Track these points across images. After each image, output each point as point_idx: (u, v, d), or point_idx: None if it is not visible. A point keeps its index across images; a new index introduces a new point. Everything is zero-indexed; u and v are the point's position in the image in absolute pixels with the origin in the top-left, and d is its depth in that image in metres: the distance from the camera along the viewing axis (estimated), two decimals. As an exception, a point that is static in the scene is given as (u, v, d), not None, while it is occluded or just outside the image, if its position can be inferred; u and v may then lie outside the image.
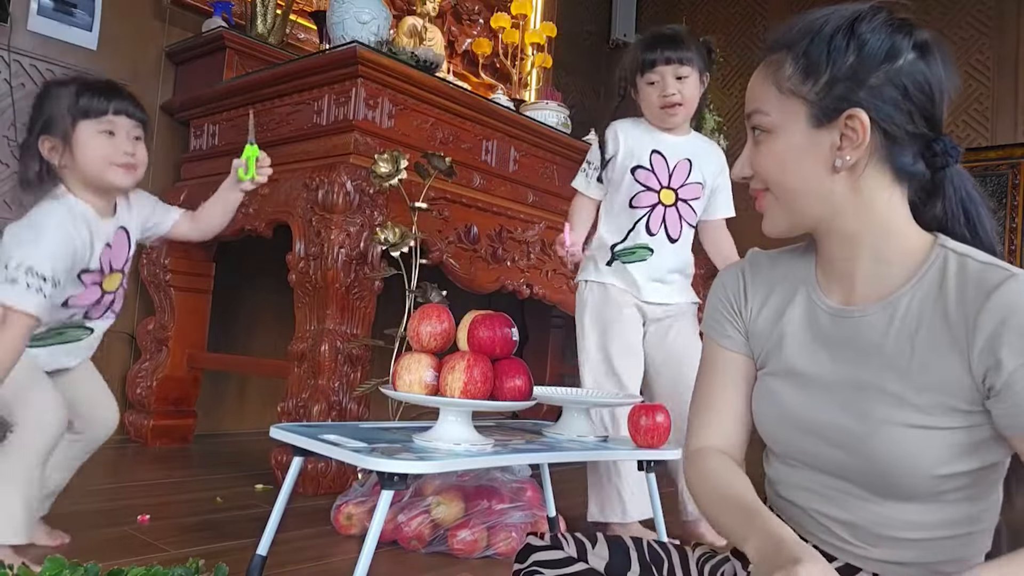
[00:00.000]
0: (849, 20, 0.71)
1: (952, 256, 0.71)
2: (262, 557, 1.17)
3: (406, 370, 1.15)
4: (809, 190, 0.74)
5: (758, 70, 0.78)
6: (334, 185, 1.93)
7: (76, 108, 1.24)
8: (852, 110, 0.70)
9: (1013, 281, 0.66)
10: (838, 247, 0.76)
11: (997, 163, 3.40)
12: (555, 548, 0.87)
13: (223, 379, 2.79)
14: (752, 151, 0.78)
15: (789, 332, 0.81)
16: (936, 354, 0.69)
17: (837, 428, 0.74)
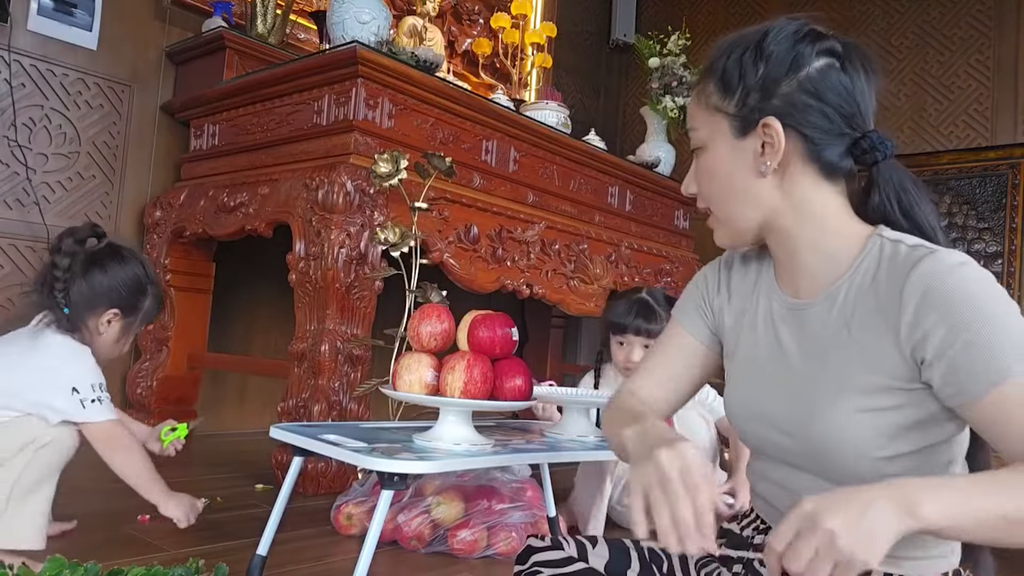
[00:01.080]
0: (757, 38, 0.79)
1: (886, 244, 0.74)
2: (262, 557, 1.17)
3: (406, 370, 1.15)
4: (741, 196, 0.79)
5: (692, 92, 0.85)
6: (334, 185, 1.93)
7: (148, 313, 1.41)
8: (766, 119, 0.76)
9: (931, 256, 0.68)
10: (781, 246, 0.81)
11: (997, 163, 3.40)
12: (556, 549, 0.87)
13: (223, 379, 2.79)
14: (694, 171, 0.84)
15: (751, 327, 0.85)
16: (870, 335, 0.72)
17: (785, 416, 0.78)
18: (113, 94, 2.52)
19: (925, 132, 3.62)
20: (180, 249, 2.48)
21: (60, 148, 2.41)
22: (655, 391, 0.91)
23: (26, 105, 2.32)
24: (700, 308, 0.92)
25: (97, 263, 1.34)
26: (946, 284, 0.66)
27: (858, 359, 0.73)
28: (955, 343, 0.65)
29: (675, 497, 0.62)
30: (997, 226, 3.36)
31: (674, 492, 0.62)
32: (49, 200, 2.38)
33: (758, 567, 0.81)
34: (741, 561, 0.83)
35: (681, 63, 3.20)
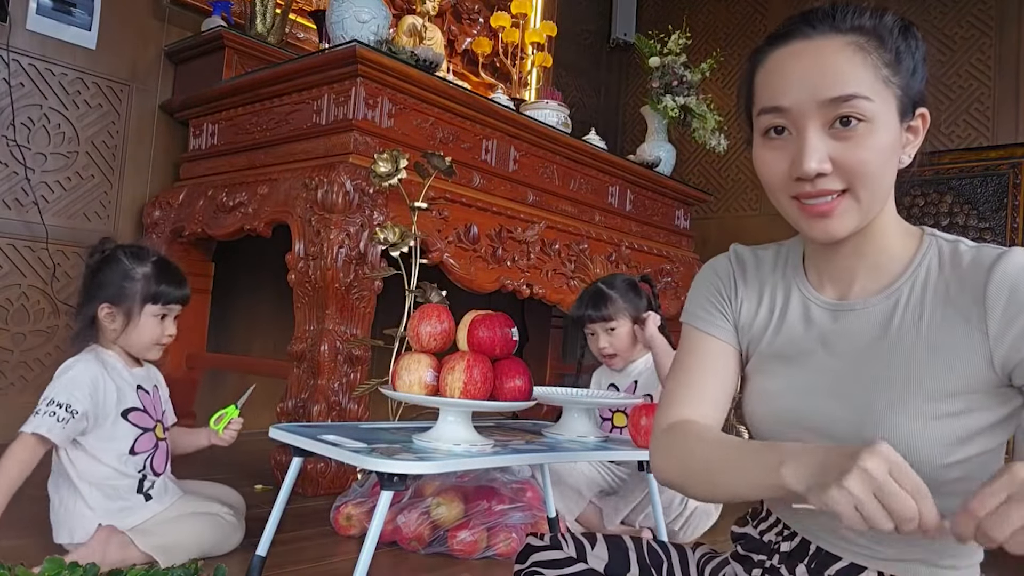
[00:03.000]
0: (902, 20, 0.73)
1: (944, 244, 0.73)
2: (261, 558, 1.16)
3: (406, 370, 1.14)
4: (888, 183, 0.72)
5: (837, 51, 0.70)
6: (334, 185, 1.93)
7: (149, 293, 1.38)
8: (923, 108, 0.72)
9: (1007, 256, 0.67)
10: (857, 243, 0.75)
11: (998, 163, 3.40)
12: (555, 548, 0.87)
13: (222, 379, 2.78)
14: (833, 144, 0.69)
15: (780, 326, 0.81)
16: (945, 338, 0.69)
17: (837, 421, 0.73)
18: (112, 93, 2.52)
19: (926, 132, 3.62)
20: (179, 249, 2.48)
21: (59, 148, 2.40)
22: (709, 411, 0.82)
23: (25, 104, 2.32)
24: (720, 307, 0.85)
25: (90, 271, 1.40)
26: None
27: (930, 363, 0.69)
28: None
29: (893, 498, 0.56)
30: (998, 226, 3.36)
31: (891, 493, 0.56)
32: (48, 200, 2.38)
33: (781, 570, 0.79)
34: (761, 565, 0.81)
35: (681, 62, 3.19)
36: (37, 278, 2.35)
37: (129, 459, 1.35)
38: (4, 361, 2.29)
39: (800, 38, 0.71)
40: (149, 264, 1.40)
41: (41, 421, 1.26)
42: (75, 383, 1.30)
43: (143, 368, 1.46)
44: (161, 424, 1.44)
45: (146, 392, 1.42)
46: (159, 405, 1.45)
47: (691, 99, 3.16)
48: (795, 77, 0.71)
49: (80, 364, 1.33)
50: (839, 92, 0.68)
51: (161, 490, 1.38)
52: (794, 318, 0.80)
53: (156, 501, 1.37)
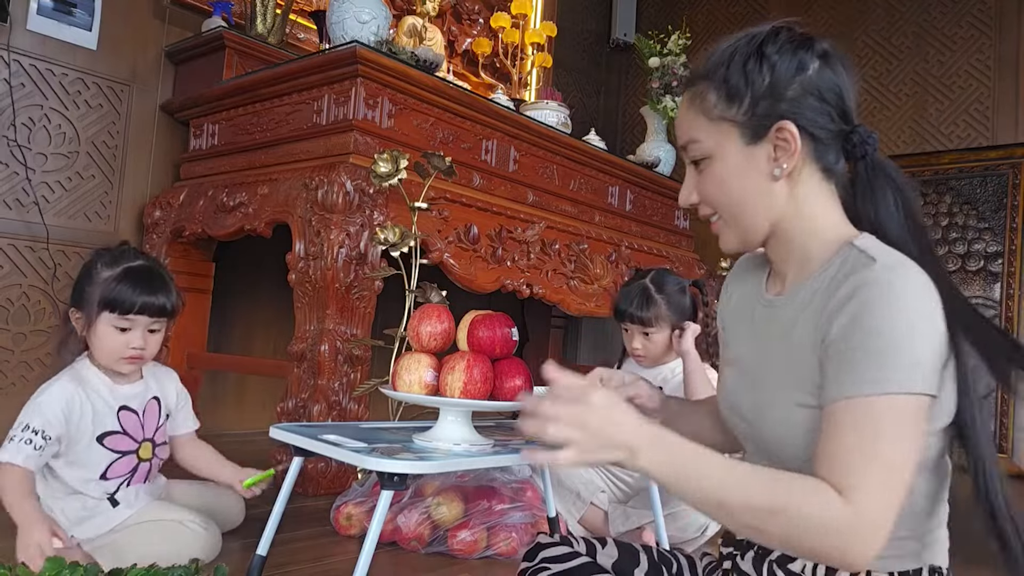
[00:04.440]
0: (756, 45, 0.79)
1: (854, 252, 0.74)
2: (262, 557, 1.16)
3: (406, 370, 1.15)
4: (754, 203, 0.79)
5: (682, 106, 0.84)
6: (334, 185, 1.93)
7: (104, 299, 1.28)
8: (780, 122, 0.76)
9: (867, 269, 0.70)
10: (778, 249, 0.82)
11: (997, 163, 3.40)
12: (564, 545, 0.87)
13: (223, 379, 2.78)
14: (695, 179, 0.83)
15: (738, 320, 0.89)
16: (804, 332, 0.74)
17: (746, 408, 0.82)
18: (112, 94, 2.52)
19: (925, 132, 3.62)
20: (179, 249, 2.48)
21: (59, 148, 2.41)
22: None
23: (26, 105, 2.32)
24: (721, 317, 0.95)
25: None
26: (862, 298, 0.68)
27: (799, 357, 0.75)
28: (848, 341, 0.67)
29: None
30: (998, 226, 3.36)
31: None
32: (48, 200, 2.38)
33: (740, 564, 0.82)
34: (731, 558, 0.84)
35: (681, 63, 3.19)
36: (38, 278, 2.35)
37: (97, 483, 1.31)
38: (4, 361, 2.29)
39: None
40: (119, 268, 1.30)
41: (17, 449, 1.22)
42: (49, 407, 1.25)
43: (139, 383, 1.38)
44: (150, 443, 1.38)
45: (131, 412, 1.35)
46: (153, 422, 1.39)
47: (691, 99, 3.16)
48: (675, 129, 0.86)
49: (55, 386, 1.28)
50: (681, 141, 0.83)
51: (132, 496, 1.33)
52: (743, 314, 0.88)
53: (125, 506, 1.32)
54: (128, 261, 1.32)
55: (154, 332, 1.34)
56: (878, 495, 0.63)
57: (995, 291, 3.31)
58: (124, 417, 1.34)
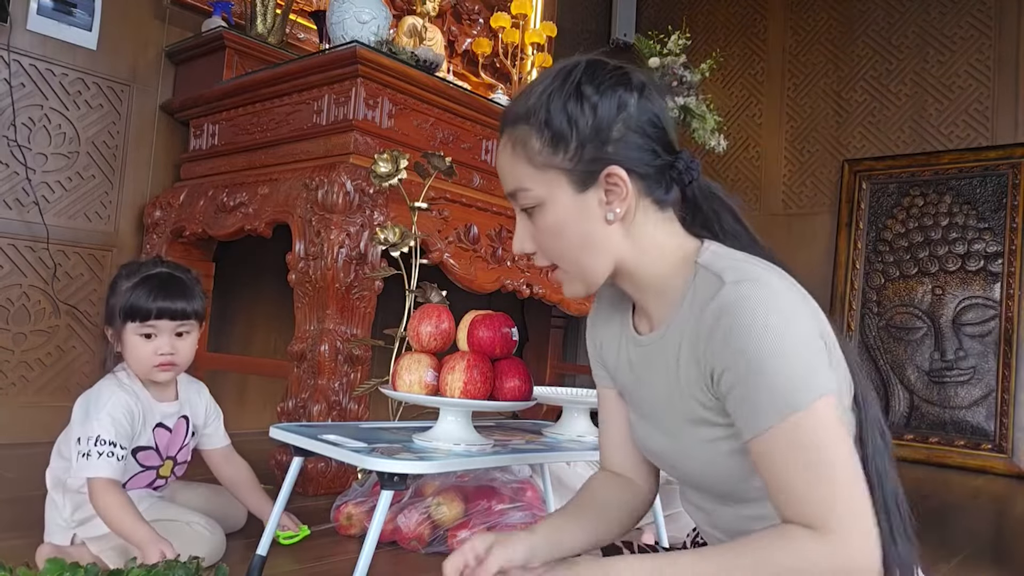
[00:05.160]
0: (574, 85, 0.74)
1: (701, 272, 0.74)
2: (262, 557, 1.17)
3: (406, 370, 1.15)
4: (593, 248, 0.77)
5: (503, 149, 0.79)
6: (334, 185, 1.93)
7: (123, 309, 1.29)
8: (608, 168, 0.74)
9: (719, 295, 0.69)
10: (629, 286, 0.81)
11: (997, 163, 3.40)
12: None
13: (223, 379, 2.78)
14: (527, 228, 0.80)
15: (618, 366, 0.87)
16: (689, 371, 0.73)
17: (661, 453, 0.81)
18: (113, 94, 2.52)
19: (925, 132, 3.62)
20: (179, 249, 2.48)
21: (59, 148, 2.41)
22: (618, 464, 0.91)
23: (26, 105, 2.32)
24: (595, 357, 0.93)
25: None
26: (722, 325, 0.67)
27: (686, 394, 0.74)
28: (741, 378, 0.66)
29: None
30: (997, 226, 3.36)
31: None
32: (48, 200, 2.38)
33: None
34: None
35: (681, 63, 3.20)
36: (38, 278, 2.35)
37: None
38: (4, 361, 2.29)
39: (500, 137, 0.81)
40: (137, 278, 1.30)
41: (101, 464, 1.20)
42: (116, 419, 1.24)
43: (175, 402, 1.38)
44: (172, 461, 1.38)
45: (166, 430, 1.36)
46: (179, 442, 1.38)
47: (691, 99, 3.17)
48: (498, 174, 0.82)
49: (114, 396, 1.27)
50: (508, 189, 0.80)
51: (137, 498, 1.33)
52: (621, 351, 0.86)
53: None
54: (147, 270, 1.32)
55: (182, 336, 1.34)
56: (848, 513, 0.62)
57: (995, 291, 3.31)
58: (159, 434, 1.35)
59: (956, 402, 3.30)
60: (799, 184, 3.97)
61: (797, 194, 3.97)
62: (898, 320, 3.50)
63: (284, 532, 1.45)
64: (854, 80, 3.82)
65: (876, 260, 3.62)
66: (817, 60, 3.92)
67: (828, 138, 3.88)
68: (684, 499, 0.87)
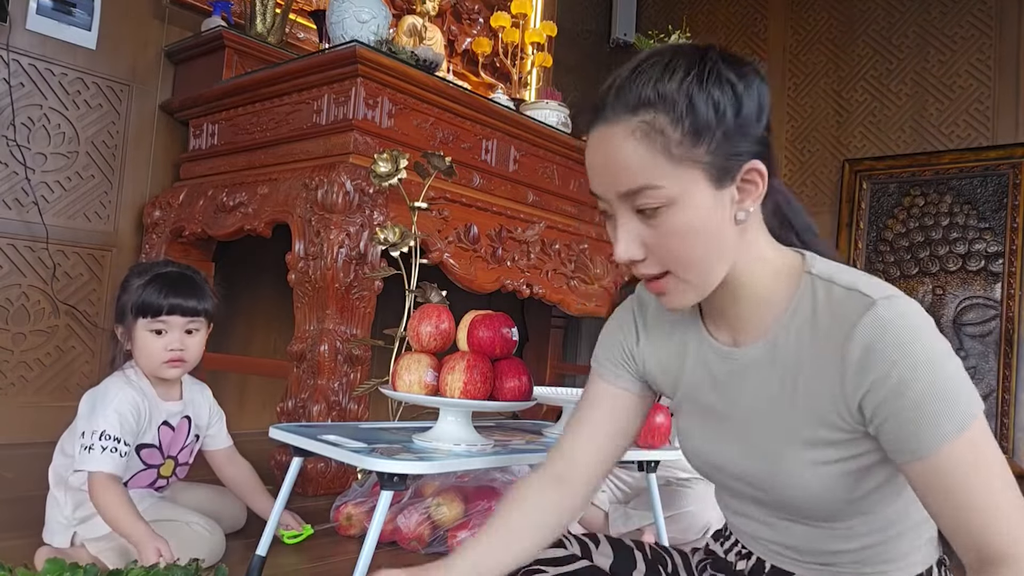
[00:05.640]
0: (715, 70, 0.67)
1: (819, 283, 0.70)
2: (261, 558, 1.16)
3: (406, 370, 1.15)
4: (718, 251, 0.69)
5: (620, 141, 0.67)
6: (334, 185, 1.93)
7: (135, 306, 1.30)
8: (751, 162, 0.68)
9: (872, 310, 0.64)
10: (725, 294, 0.74)
11: (998, 163, 3.40)
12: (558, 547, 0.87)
13: (222, 379, 2.78)
14: (637, 231, 0.69)
15: (685, 373, 0.81)
16: (817, 386, 0.68)
17: (744, 469, 0.75)
18: (112, 93, 2.52)
19: (926, 132, 3.62)
20: (179, 249, 2.48)
21: (59, 148, 2.40)
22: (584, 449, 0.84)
23: (25, 105, 2.32)
24: (621, 358, 0.86)
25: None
26: (888, 342, 0.63)
27: (806, 411, 0.69)
28: (897, 402, 0.63)
29: None
30: (998, 226, 3.35)
31: None
32: (48, 200, 2.38)
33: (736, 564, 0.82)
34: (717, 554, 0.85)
35: (681, 62, 3.19)
36: (37, 278, 2.35)
37: None
38: (4, 361, 2.29)
39: (599, 123, 0.69)
40: (148, 276, 1.32)
41: (108, 459, 1.20)
42: (123, 414, 1.25)
43: (179, 402, 1.39)
44: (173, 460, 1.38)
45: (170, 428, 1.36)
46: (180, 442, 1.39)
47: (691, 99, 3.16)
48: (596, 169, 0.70)
49: (121, 392, 1.28)
50: (628, 186, 0.67)
51: (138, 497, 1.33)
52: (695, 362, 0.80)
53: None
54: (159, 269, 1.35)
55: (192, 334, 1.36)
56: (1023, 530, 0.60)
57: (996, 291, 3.30)
58: (162, 432, 1.35)
59: (956, 402, 3.30)
60: (799, 184, 3.96)
61: (797, 194, 3.95)
62: (898, 320, 3.49)
63: (288, 531, 1.45)
64: (854, 80, 3.82)
65: (877, 260, 3.62)
66: (817, 60, 3.92)
67: (828, 138, 3.88)
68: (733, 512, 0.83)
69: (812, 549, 0.75)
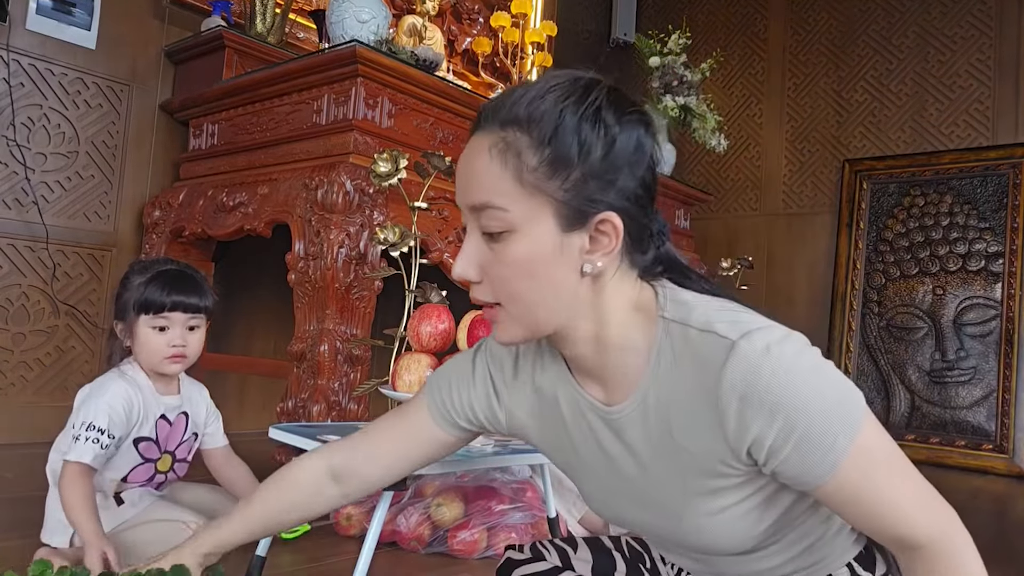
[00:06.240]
0: (594, 106, 0.64)
1: (673, 328, 0.66)
2: (261, 558, 1.16)
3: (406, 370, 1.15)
4: (555, 298, 0.65)
5: (479, 151, 0.65)
6: (334, 185, 1.93)
7: (137, 302, 1.31)
8: (606, 214, 0.64)
9: (734, 355, 0.61)
10: (582, 348, 0.69)
11: (998, 163, 3.40)
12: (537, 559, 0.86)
13: (222, 379, 2.78)
14: (479, 252, 0.66)
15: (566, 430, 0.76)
16: (695, 439, 0.65)
17: (648, 523, 0.73)
18: (112, 93, 2.52)
19: (926, 132, 3.62)
20: (179, 249, 2.48)
21: (59, 148, 2.40)
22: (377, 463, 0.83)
23: (25, 104, 2.32)
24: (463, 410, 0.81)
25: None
26: (760, 386, 0.60)
27: (691, 465, 0.66)
28: (786, 444, 0.60)
29: None
30: (998, 226, 3.35)
31: None
32: (48, 200, 2.38)
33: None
34: None
35: (682, 62, 3.19)
36: (37, 278, 2.35)
37: (118, 485, 1.31)
38: (4, 361, 2.29)
39: (474, 131, 0.67)
40: (149, 274, 1.33)
41: (85, 449, 1.21)
42: (114, 407, 1.26)
43: (177, 396, 1.40)
44: (170, 456, 1.38)
45: (167, 422, 1.37)
46: (178, 437, 1.39)
47: (691, 99, 3.16)
48: (458, 177, 0.68)
49: (115, 386, 1.29)
50: (474, 200, 0.65)
51: (136, 496, 1.34)
52: (569, 417, 0.75)
53: (129, 505, 1.33)
54: (160, 267, 1.36)
55: (193, 330, 1.37)
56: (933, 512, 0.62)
57: (996, 291, 3.30)
58: (160, 425, 1.36)
59: (957, 402, 3.30)
60: (799, 184, 3.97)
61: (797, 194, 3.97)
62: (899, 320, 3.49)
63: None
64: (854, 80, 3.82)
65: (877, 260, 3.62)
66: (817, 60, 3.92)
67: (828, 138, 3.88)
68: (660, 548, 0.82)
69: (740, 572, 0.75)
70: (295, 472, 0.86)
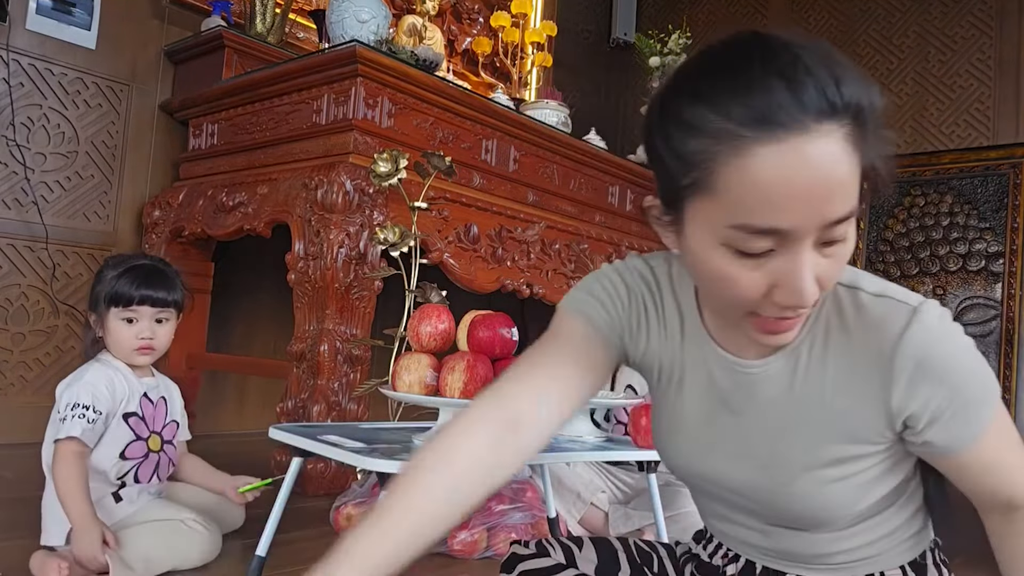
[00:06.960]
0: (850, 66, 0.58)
1: (842, 291, 0.65)
2: (261, 558, 1.16)
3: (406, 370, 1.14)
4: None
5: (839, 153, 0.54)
6: (333, 185, 1.93)
7: (108, 295, 1.35)
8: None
9: (916, 323, 0.62)
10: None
11: (998, 163, 3.40)
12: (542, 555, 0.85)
13: (222, 379, 2.78)
14: (816, 265, 0.58)
15: (682, 376, 0.74)
16: (850, 405, 0.65)
17: (743, 484, 0.72)
18: (112, 93, 2.52)
19: (926, 131, 3.61)
20: (179, 249, 2.48)
21: (59, 147, 2.40)
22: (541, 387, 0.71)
23: (25, 104, 2.32)
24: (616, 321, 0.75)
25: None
26: (937, 353, 0.62)
27: (836, 428, 0.66)
28: (947, 411, 0.63)
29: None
30: (998, 226, 3.35)
31: None
32: (47, 200, 2.37)
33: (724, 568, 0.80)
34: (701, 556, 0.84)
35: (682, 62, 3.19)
36: (37, 278, 2.35)
37: (118, 463, 1.32)
38: (4, 361, 2.29)
39: (797, 131, 0.53)
40: (122, 268, 1.37)
41: (72, 424, 1.23)
42: (95, 385, 1.29)
43: (154, 378, 1.44)
44: (158, 436, 1.40)
45: (149, 401, 1.40)
46: (161, 418, 1.42)
47: (691, 99, 3.16)
48: (800, 195, 0.54)
49: (92, 368, 1.33)
50: (838, 214, 0.55)
51: (134, 493, 1.34)
52: (694, 369, 0.73)
53: (127, 503, 1.33)
54: (132, 261, 1.40)
55: (161, 323, 1.40)
56: None
57: (996, 291, 3.30)
58: (144, 404, 1.39)
59: (957, 402, 3.30)
60: (799, 184, 3.96)
61: (797, 194, 3.96)
62: (899, 320, 3.49)
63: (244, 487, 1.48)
64: (854, 80, 3.81)
65: (877, 260, 3.62)
66: (817, 60, 3.92)
67: (828, 138, 3.88)
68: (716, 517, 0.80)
69: (809, 553, 0.74)
70: (451, 453, 0.69)
